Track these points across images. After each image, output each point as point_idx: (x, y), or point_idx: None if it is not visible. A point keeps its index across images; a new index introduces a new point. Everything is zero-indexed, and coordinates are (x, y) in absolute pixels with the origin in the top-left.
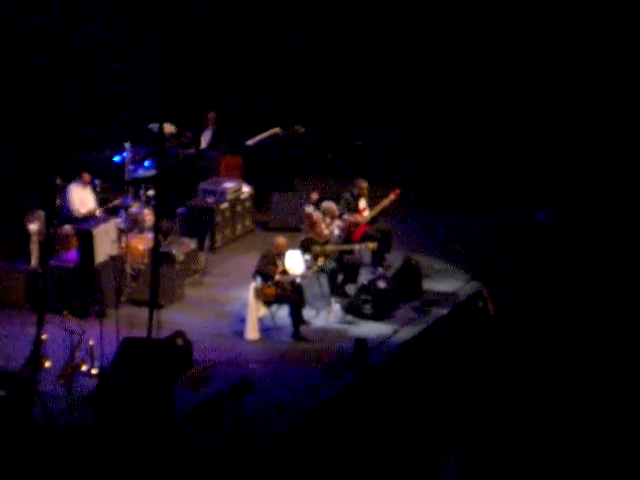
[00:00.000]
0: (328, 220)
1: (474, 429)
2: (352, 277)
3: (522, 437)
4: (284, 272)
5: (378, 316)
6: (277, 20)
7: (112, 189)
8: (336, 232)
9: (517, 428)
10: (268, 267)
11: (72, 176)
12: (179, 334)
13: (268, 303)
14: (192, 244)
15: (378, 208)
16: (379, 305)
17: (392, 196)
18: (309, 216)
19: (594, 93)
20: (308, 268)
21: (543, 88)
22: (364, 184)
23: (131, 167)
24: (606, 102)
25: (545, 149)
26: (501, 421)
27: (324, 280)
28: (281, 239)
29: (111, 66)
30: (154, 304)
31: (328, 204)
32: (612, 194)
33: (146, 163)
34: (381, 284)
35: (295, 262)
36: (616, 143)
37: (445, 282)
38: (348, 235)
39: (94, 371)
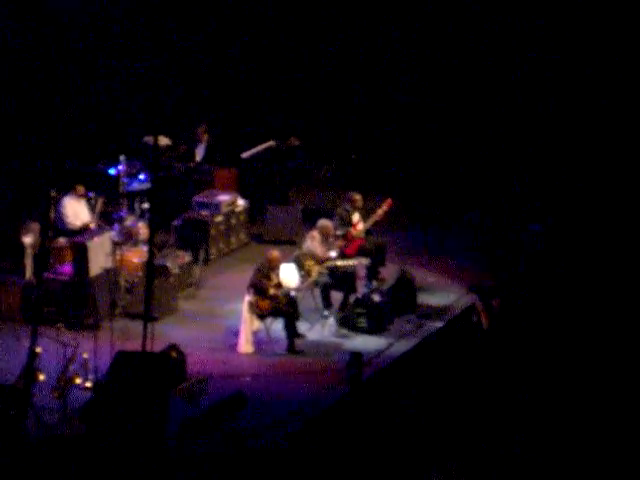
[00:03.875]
0: (324, 239)
1: (468, 443)
2: (351, 287)
3: (520, 451)
4: (278, 285)
5: (373, 330)
6: (271, 32)
7: (106, 202)
8: (333, 254)
9: (513, 442)
10: (262, 280)
11: (66, 188)
12: (173, 347)
13: (262, 316)
14: (187, 257)
15: (371, 220)
16: (374, 319)
17: (384, 207)
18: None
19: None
20: (302, 281)
21: (537, 97)
22: (357, 197)
23: (126, 180)
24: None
25: (537, 161)
26: (496, 435)
27: (318, 293)
28: (275, 252)
29: (106, 78)
30: (148, 317)
31: (324, 222)
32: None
33: (141, 176)
34: (376, 298)
35: (289, 275)
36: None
37: (439, 295)
38: (343, 249)
39: (88, 384)
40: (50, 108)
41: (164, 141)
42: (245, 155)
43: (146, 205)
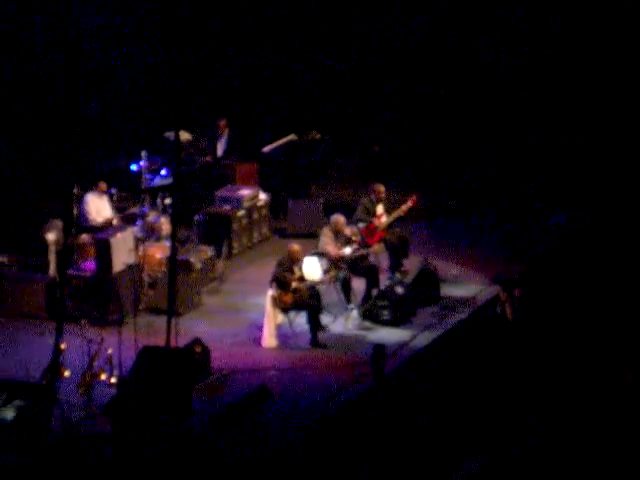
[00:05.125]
0: (336, 235)
1: (496, 438)
2: (374, 281)
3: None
4: (301, 279)
5: (396, 322)
6: (293, 26)
7: (129, 198)
8: (347, 252)
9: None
10: (285, 274)
11: (89, 185)
12: (197, 342)
13: (285, 310)
14: (209, 252)
15: (395, 215)
16: (397, 311)
17: (409, 203)
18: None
19: (607, 95)
20: (325, 274)
21: (558, 90)
22: (382, 188)
23: (147, 176)
24: (620, 104)
25: (559, 152)
26: (522, 426)
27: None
28: (296, 246)
29: (127, 74)
30: (172, 312)
31: (336, 217)
32: (626, 196)
33: (162, 171)
34: (399, 290)
35: (312, 268)
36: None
37: (463, 287)
38: (366, 240)
39: (113, 380)
40: (72, 105)
41: (185, 136)
42: (266, 149)
43: (168, 200)
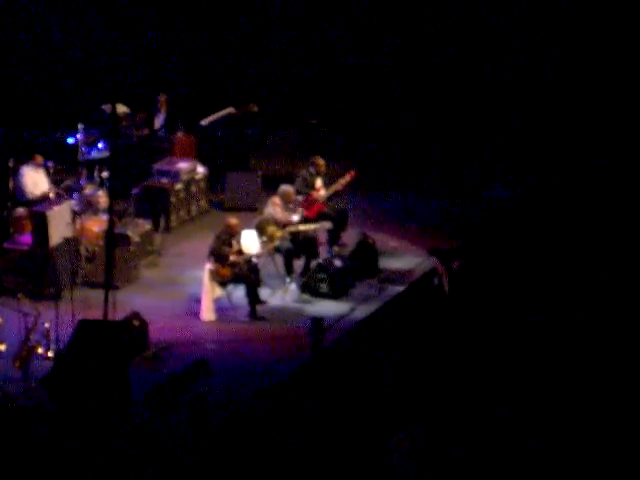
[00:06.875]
0: (285, 205)
1: (431, 409)
2: (312, 252)
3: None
4: (239, 252)
5: (334, 295)
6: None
7: (65, 171)
8: (295, 218)
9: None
10: (223, 248)
11: (24, 158)
12: (135, 315)
13: (223, 283)
14: (147, 225)
15: (332, 189)
16: (335, 284)
17: (347, 177)
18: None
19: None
20: (263, 247)
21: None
22: (321, 162)
23: (84, 149)
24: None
25: (500, 126)
26: (459, 397)
27: (279, 259)
28: (234, 219)
29: (64, 47)
30: (109, 286)
31: (286, 188)
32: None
33: (99, 144)
34: (337, 263)
35: (250, 242)
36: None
37: (401, 260)
38: (304, 212)
39: (50, 353)
40: (5, 78)
41: (122, 109)
42: (204, 122)
43: (105, 174)
